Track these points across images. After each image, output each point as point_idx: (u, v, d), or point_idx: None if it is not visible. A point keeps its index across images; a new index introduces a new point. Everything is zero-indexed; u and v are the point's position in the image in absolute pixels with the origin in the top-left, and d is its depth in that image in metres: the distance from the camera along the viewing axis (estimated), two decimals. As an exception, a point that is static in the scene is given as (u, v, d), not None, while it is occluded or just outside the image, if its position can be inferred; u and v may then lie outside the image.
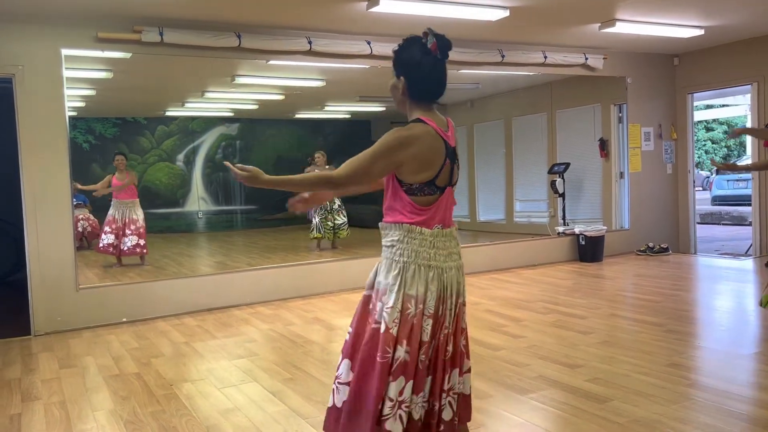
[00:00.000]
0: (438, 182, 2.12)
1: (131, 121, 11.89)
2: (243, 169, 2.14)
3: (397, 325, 2.08)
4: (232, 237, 11.64)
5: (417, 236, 2.12)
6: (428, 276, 2.11)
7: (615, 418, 2.87)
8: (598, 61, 7.54)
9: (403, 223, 2.13)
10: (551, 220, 9.20)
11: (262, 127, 12.86)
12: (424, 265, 2.12)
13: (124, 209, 7.74)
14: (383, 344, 2.07)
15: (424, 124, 2.12)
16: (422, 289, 2.10)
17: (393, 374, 2.05)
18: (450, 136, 2.18)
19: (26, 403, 3.46)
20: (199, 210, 12.51)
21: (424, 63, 2.14)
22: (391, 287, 2.11)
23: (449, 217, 2.21)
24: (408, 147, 2.06)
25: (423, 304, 2.10)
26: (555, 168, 8.73)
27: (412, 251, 2.12)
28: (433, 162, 2.11)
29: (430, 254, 2.12)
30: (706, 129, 24.36)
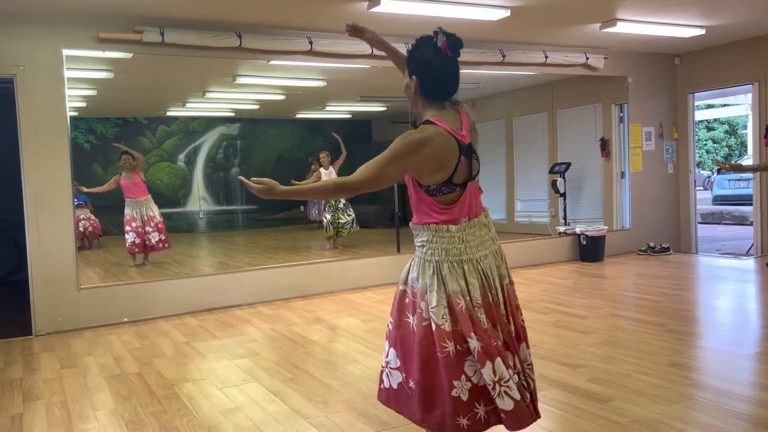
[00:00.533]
0: (455, 180, 2.17)
1: (132, 121, 11.90)
2: (258, 182, 2.17)
3: (447, 321, 2.15)
4: (233, 237, 11.65)
5: (445, 234, 2.18)
6: (464, 270, 2.18)
7: (616, 417, 2.87)
8: (599, 60, 7.53)
9: (429, 223, 2.19)
10: (552, 219, 9.20)
11: (263, 127, 12.86)
12: (457, 261, 2.18)
13: (140, 207, 7.76)
14: (439, 341, 2.14)
15: (435, 126, 2.15)
16: (463, 283, 2.16)
17: (480, 362, 2.13)
18: (464, 135, 2.21)
19: (28, 402, 3.46)
20: (200, 210, 12.51)
21: (435, 62, 2.18)
22: (430, 287, 2.18)
23: (476, 207, 2.25)
24: (420, 150, 2.11)
25: (469, 296, 2.16)
26: (556, 168, 8.73)
27: (442, 249, 2.18)
28: (447, 162, 2.15)
29: (460, 249, 2.18)
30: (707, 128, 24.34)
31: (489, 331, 2.17)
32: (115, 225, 9.15)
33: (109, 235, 9.85)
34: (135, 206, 7.75)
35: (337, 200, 8.68)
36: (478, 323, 2.15)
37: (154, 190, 11.73)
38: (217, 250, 10.10)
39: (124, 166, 7.80)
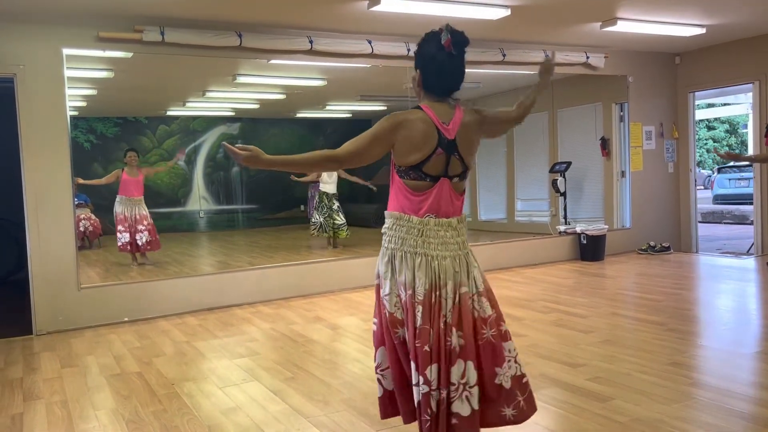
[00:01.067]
0: (426, 169, 2.20)
1: (132, 121, 11.89)
2: (244, 149, 2.15)
3: (399, 309, 2.22)
4: (233, 236, 11.65)
5: (405, 224, 2.22)
6: (414, 263, 2.19)
7: (616, 417, 2.87)
8: (599, 59, 7.53)
9: (394, 211, 2.26)
10: (552, 219, 9.20)
11: (263, 126, 12.86)
12: (410, 252, 2.20)
13: (132, 206, 7.74)
14: (392, 327, 2.23)
15: (421, 111, 2.22)
16: (410, 275, 2.18)
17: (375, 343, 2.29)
18: (449, 129, 2.23)
19: (28, 402, 3.46)
20: (200, 209, 12.51)
21: (438, 58, 2.22)
22: (384, 274, 2.25)
23: (449, 208, 2.24)
24: (400, 129, 2.18)
25: (412, 290, 2.17)
26: (556, 167, 8.73)
27: (398, 238, 2.23)
28: (421, 147, 2.19)
29: (417, 242, 2.20)
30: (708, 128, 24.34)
31: (419, 330, 2.14)
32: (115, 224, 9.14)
33: (110, 234, 9.80)
34: (127, 204, 7.72)
35: (331, 201, 8.68)
36: (411, 318, 2.17)
37: (154, 190, 11.77)
38: (217, 249, 10.10)
39: (129, 162, 7.79)
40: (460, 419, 2.14)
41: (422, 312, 2.14)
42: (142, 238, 7.70)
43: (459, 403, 2.14)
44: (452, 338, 2.16)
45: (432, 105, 2.25)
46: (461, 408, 2.14)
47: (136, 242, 7.68)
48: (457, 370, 2.14)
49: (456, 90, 2.30)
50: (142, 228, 7.71)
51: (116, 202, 7.77)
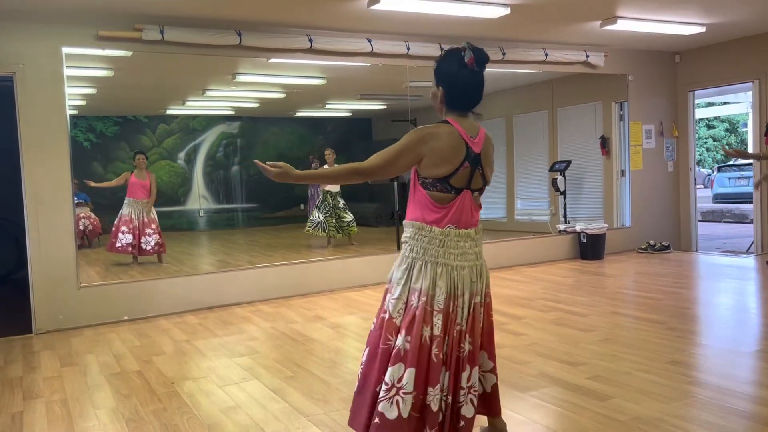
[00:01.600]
0: (453, 182, 2.27)
1: (132, 120, 11.88)
2: (274, 166, 2.28)
3: (401, 316, 2.24)
4: (233, 235, 11.65)
5: (427, 234, 2.26)
6: (435, 272, 2.24)
7: (616, 415, 2.87)
8: (599, 58, 7.53)
9: (415, 221, 2.29)
10: (552, 218, 9.19)
11: (263, 125, 12.85)
12: (432, 262, 2.25)
13: (140, 209, 7.76)
14: (386, 332, 2.24)
15: (449, 125, 2.28)
16: (427, 283, 2.23)
17: (391, 360, 2.19)
18: (476, 143, 2.31)
19: (28, 401, 3.46)
20: (200, 208, 12.50)
21: (461, 76, 2.30)
22: (398, 280, 2.28)
23: (469, 219, 2.32)
24: (429, 141, 2.23)
25: (427, 297, 2.22)
26: (556, 166, 8.72)
27: (420, 248, 2.26)
28: (451, 159, 2.25)
29: (438, 252, 2.25)
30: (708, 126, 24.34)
31: (438, 339, 2.20)
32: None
33: (109, 233, 9.84)
34: (134, 207, 7.74)
35: (335, 200, 8.70)
36: (419, 326, 2.19)
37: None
38: (217, 248, 10.10)
39: (138, 165, 7.82)
40: (466, 421, 2.26)
41: (441, 320, 2.21)
42: (150, 242, 7.70)
43: (465, 407, 2.25)
44: (465, 345, 2.27)
45: (457, 119, 2.31)
46: (467, 411, 2.26)
47: (141, 245, 7.68)
48: (465, 376, 2.26)
49: (477, 104, 2.37)
50: (151, 231, 7.71)
51: (124, 204, 7.80)
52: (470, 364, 2.27)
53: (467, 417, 2.25)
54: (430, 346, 2.19)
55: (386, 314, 2.27)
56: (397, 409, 2.16)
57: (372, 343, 2.31)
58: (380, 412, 2.17)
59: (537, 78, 9.02)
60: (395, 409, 2.16)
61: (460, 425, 2.25)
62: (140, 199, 7.79)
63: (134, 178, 7.77)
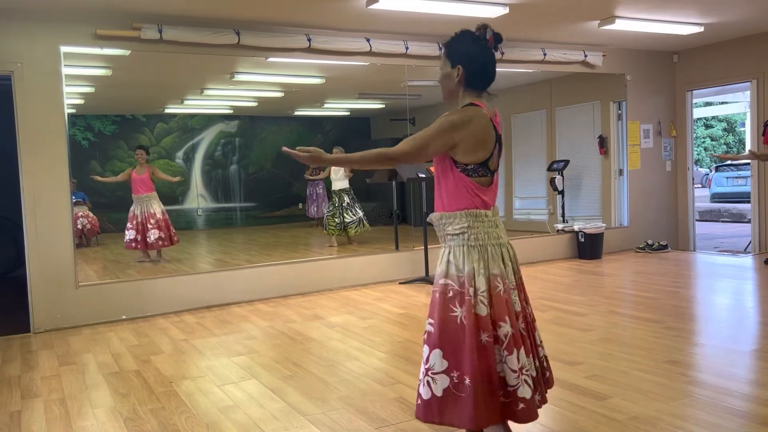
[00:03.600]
0: (490, 165, 2.30)
1: (130, 119, 11.87)
2: (305, 151, 2.30)
3: (487, 307, 2.22)
4: (231, 234, 11.64)
5: (484, 219, 2.29)
6: (501, 254, 2.31)
7: (614, 414, 2.88)
8: (597, 58, 7.53)
9: (468, 209, 2.27)
10: (550, 217, 9.20)
11: (261, 124, 12.84)
12: (496, 244, 2.30)
13: (142, 204, 7.80)
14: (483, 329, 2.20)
15: (477, 108, 2.28)
16: (502, 266, 2.29)
17: (507, 348, 2.20)
18: (498, 124, 2.36)
19: (26, 400, 3.46)
20: (198, 207, 12.50)
21: (482, 55, 2.33)
22: (477, 271, 2.24)
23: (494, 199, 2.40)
24: (464, 127, 2.22)
25: (507, 278, 2.29)
26: (554, 165, 8.73)
27: (484, 233, 2.28)
28: (487, 142, 2.27)
29: (497, 233, 2.32)
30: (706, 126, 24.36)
31: (519, 314, 2.30)
32: (113, 222, 9.15)
33: (108, 232, 9.83)
34: (137, 202, 7.83)
35: (341, 199, 8.66)
36: (512, 308, 2.26)
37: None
38: (215, 247, 10.09)
39: (138, 160, 7.83)
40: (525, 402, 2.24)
41: (518, 296, 2.33)
42: (153, 235, 7.72)
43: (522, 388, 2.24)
44: (529, 308, 2.42)
45: (479, 101, 2.33)
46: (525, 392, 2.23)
47: (146, 239, 7.70)
48: (514, 358, 2.23)
49: (491, 84, 2.40)
50: (151, 226, 7.73)
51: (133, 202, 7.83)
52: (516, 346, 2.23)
53: (526, 398, 2.21)
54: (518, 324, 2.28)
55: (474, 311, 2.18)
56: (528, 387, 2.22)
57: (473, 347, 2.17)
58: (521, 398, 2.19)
59: (535, 77, 9.01)
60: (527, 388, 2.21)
61: (519, 408, 2.20)
62: (140, 194, 7.81)
63: (135, 174, 7.82)
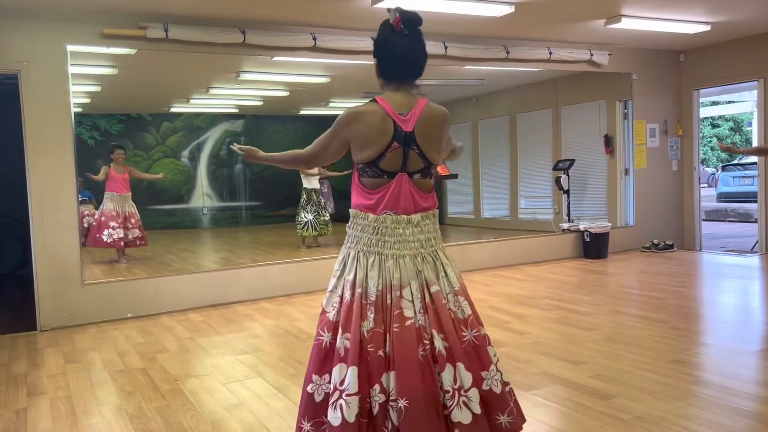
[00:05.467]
0: (383, 165, 2.07)
1: (136, 118, 11.91)
2: (241, 149, 2.41)
3: (335, 310, 2.11)
4: (236, 233, 11.67)
5: (360, 221, 2.14)
6: (368, 262, 2.07)
7: (619, 414, 2.87)
8: (603, 57, 7.51)
9: (353, 208, 2.18)
10: (556, 216, 9.18)
11: (266, 123, 12.87)
12: (364, 251, 2.10)
13: (122, 203, 7.77)
14: (318, 326, 2.15)
15: (375, 104, 2.10)
16: (361, 274, 2.07)
17: (334, 361, 2.03)
18: (407, 120, 2.07)
19: (32, 397, 3.48)
20: (203, 206, 12.53)
21: (390, 40, 2.13)
22: (334, 272, 2.18)
23: (409, 204, 2.10)
24: (352, 124, 2.09)
25: (362, 290, 2.05)
26: (560, 164, 8.71)
27: (354, 237, 2.15)
28: (374, 142, 2.06)
29: (372, 240, 2.09)
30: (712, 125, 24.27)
31: (372, 333, 1.99)
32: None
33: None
34: (118, 200, 7.73)
35: (318, 197, 8.64)
36: (357, 321, 2.01)
37: (158, 186, 11.80)
38: (220, 246, 10.12)
39: (116, 159, 7.79)
40: (463, 428, 1.96)
41: (374, 314, 2.01)
42: (132, 234, 7.73)
43: (458, 412, 1.96)
44: (436, 342, 2.01)
45: (389, 96, 2.11)
46: (462, 416, 1.96)
47: (126, 237, 7.70)
48: (448, 376, 1.98)
49: (416, 76, 2.15)
50: (131, 225, 7.75)
51: (106, 199, 7.75)
52: (450, 362, 1.99)
53: (464, 423, 1.95)
54: (368, 341, 1.99)
55: (321, 308, 2.15)
56: (341, 413, 1.93)
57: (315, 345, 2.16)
58: (327, 421, 1.99)
59: (541, 76, 9.00)
60: (339, 414, 1.93)
61: None
62: (123, 193, 7.78)
63: (113, 172, 7.72)
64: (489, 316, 4.85)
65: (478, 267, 7.07)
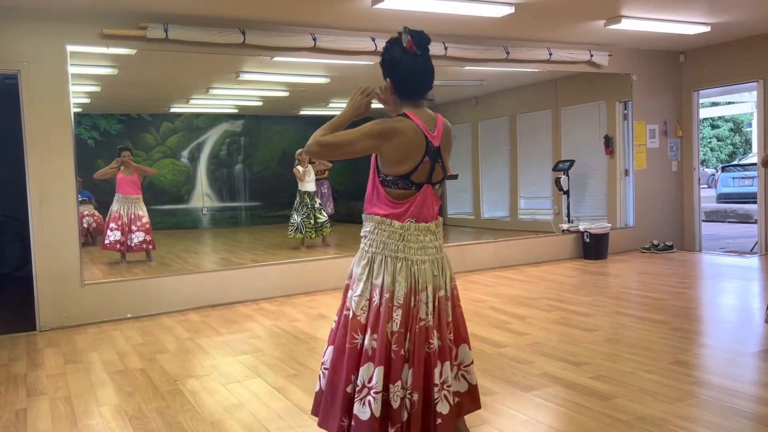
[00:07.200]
0: (414, 178, 2.22)
1: (136, 118, 11.91)
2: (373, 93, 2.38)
3: (365, 313, 2.20)
4: (236, 233, 11.66)
5: (386, 228, 2.23)
6: (395, 267, 2.21)
7: (619, 415, 2.87)
8: (603, 58, 7.51)
9: (375, 215, 2.25)
10: (556, 217, 9.19)
11: (266, 123, 12.86)
12: (391, 257, 2.22)
13: (129, 205, 7.71)
14: (351, 331, 2.21)
15: (409, 120, 2.22)
16: (389, 279, 2.20)
17: (361, 360, 2.16)
18: (435, 136, 2.25)
19: (32, 398, 3.47)
20: (203, 206, 12.53)
21: (404, 61, 2.25)
22: (359, 276, 2.25)
23: (429, 213, 2.28)
24: (391, 138, 2.19)
25: (390, 294, 2.18)
26: (560, 165, 8.71)
27: (380, 242, 2.23)
28: (411, 157, 2.20)
29: (398, 246, 2.22)
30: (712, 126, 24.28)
31: (397, 334, 2.17)
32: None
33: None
34: (124, 203, 7.67)
35: (312, 200, 8.58)
36: (384, 323, 2.16)
37: (158, 187, 11.81)
38: (220, 246, 10.11)
39: (124, 162, 7.75)
40: (443, 418, 2.19)
41: (401, 316, 2.17)
42: (136, 238, 7.63)
43: (441, 404, 2.19)
44: (433, 341, 2.21)
45: (414, 111, 2.25)
46: (443, 407, 2.19)
47: (128, 242, 7.63)
48: (437, 372, 2.19)
49: (428, 90, 2.31)
50: (136, 228, 7.65)
51: (114, 201, 7.73)
52: (441, 359, 2.21)
53: (444, 414, 2.19)
54: (389, 342, 2.16)
55: (349, 312, 2.23)
56: (369, 409, 2.12)
57: (337, 342, 2.27)
58: (354, 415, 2.15)
59: (541, 77, 9.01)
60: (368, 409, 2.12)
61: (437, 423, 2.18)
62: (129, 195, 7.73)
63: (121, 174, 7.69)
64: (489, 317, 4.85)
65: (477, 268, 7.07)
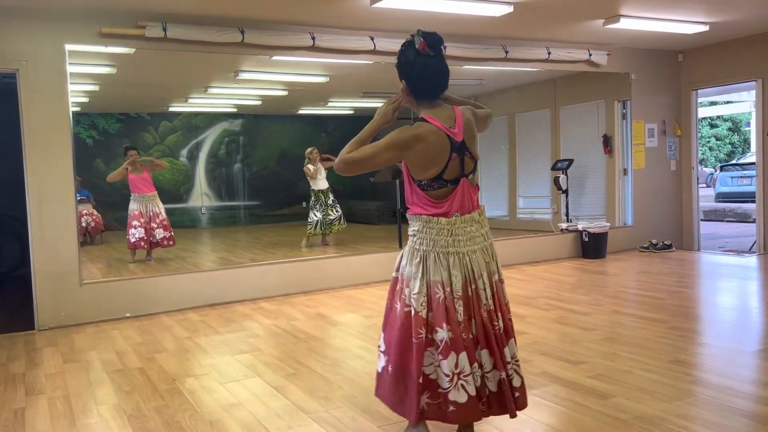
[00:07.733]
0: (446, 176, 2.31)
1: (135, 117, 11.89)
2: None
3: (425, 309, 2.30)
4: (235, 233, 11.66)
5: (434, 226, 2.32)
6: (449, 262, 2.31)
7: (618, 414, 2.87)
8: (602, 57, 7.52)
9: (421, 215, 2.34)
10: (554, 216, 9.19)
11: (265, 122, 12.85)
12: (443, 253, 2.31)
13: (147, 203, 7.77)
14: (415, 327, 2.30)
15: (429, 124, 2.30)
16: (445, 274, 2.30)
17: (443, 353, 2.27)
18: (456, 132, 2.33)
19: (30, 397, 3.47)
20: (202, 205, 12.52)
21: (417, 63, 2.32)
22: (414, 274, 2.33)
23: (470, 204, 2.38)
24: (413, 147, 2.28)
25: (450, 288, 2.29)
26: (558, 164, 8.71)
27: (430, 240, 2.32)
28: (438, 159, 2.29)
29: (448, 242, 2.32)
30: (710, 125, 24.28)
31: (463, 323, 2.30)
32: (118, 220, 9.14)
33: (112, 230, 9.85)
34: (142, 201, 7.75)
35: (326, 197, 8.59)
36: (453, 314, 2.28)
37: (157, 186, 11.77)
38: (219, 245, 10.11)
39: (131, 162, 7.76)
40: (519, 390, 2.40)
41: (463, 307, 2.30)
42: (158, 234, 7.72)
43: (515, 378, 2.40)
44: (499, 323, 2.38)
45: (432, 112, 2.34)
46: (517, 381, 2.40)
47: (150, 239, 7.69)
48: (508, 351, 2.38)
49: (444, 90, 2.40)
50: (156, 225, 7.73)
51: (131, 200, 7.76)
52: (507, 338, 2.39)
53: (518, 387, 2.38)
54: (460, 332, 2.28)
55: (410, 309, 2.32)
56: (465, 392, 2.27)
57: (401, 339, 2.34)
58: (452, 401, 2.27)
59: (540, 76, 9.00)
60: (464, 392, 2.27)
61: (516, 396, 2.37)
62: (146, 194, 7.78)
63: (132, 175, 7.71)
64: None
65: (476, 267, 7.07)
